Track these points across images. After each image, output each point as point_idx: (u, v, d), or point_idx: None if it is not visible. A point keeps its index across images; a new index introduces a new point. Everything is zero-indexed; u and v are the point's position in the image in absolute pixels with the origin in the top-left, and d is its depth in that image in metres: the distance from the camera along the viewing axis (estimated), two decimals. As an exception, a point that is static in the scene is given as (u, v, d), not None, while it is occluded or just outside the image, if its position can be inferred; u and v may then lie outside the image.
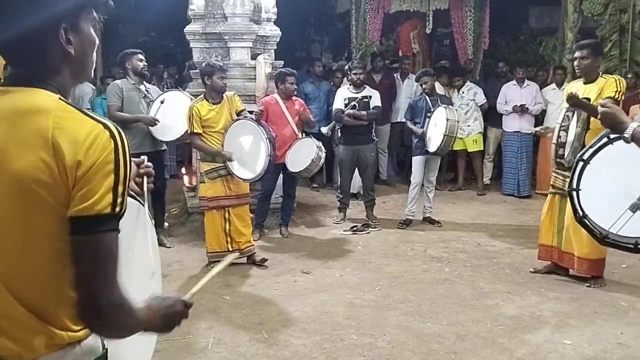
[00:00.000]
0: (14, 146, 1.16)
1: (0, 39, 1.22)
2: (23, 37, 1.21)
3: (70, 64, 1.28)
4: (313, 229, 6.39)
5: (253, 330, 3.85)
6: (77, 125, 1.17)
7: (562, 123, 4.49)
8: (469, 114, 7.95)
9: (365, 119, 6.34)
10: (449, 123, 5.94)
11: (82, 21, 1.29)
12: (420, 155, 6.38)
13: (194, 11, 6.53)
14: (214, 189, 5.00)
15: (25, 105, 1.20)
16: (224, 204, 5.01)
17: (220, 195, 5.00)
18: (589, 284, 4.59)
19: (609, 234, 2.46)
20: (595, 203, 2.57)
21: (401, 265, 5.19)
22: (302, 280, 4.83)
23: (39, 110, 1.18)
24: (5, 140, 1.18)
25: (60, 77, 1.27)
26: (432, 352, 3.55)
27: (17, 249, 1.18)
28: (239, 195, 5.07)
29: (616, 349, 3.59)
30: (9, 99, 1.22)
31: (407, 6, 9.00)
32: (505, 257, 5.41)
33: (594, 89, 4.41)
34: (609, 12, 7.92)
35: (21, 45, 1.23)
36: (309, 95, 7.81)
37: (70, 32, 1.25)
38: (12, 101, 1.21)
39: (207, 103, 4.99)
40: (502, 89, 7.90)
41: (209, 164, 5.02)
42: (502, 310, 4.19)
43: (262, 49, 6.63)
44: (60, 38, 1.24)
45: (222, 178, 5.00)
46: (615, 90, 4.31)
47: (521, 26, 10.44)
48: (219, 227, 5.02)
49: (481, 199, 7.83)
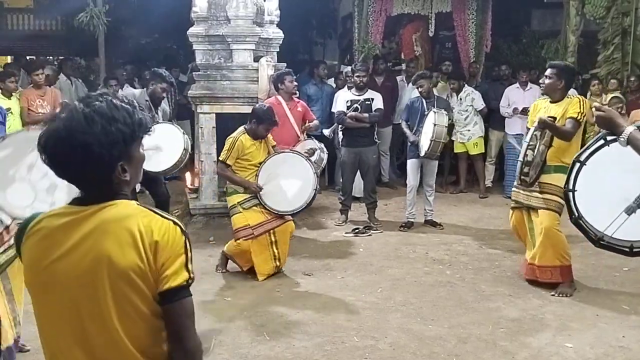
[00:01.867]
0: (114, 247, 1.44)
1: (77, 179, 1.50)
2: (89, 176, 1.48)
3: (129, 184, 1.54)
4: (315, 231, 6.39)
5: (255, 332, 3.85)
6: (159, 227, 1.47)
7: (530, 142, 4.49)
8: (468, 119, 7.94)
9: (368, 121, 6.35)
10: (436, 128, 5.93)
11: (134, 150, 1.52)
12: (414, 158, 6.39)
13: (197, 13, 6.55)
14: (253, 217, 4.88)
15: (114, 214, 1.48)
16: (269, 227, 4.89)
17: (262, 221, 4.88)
18: (554, 293, 4.49)
19: (604, 237, 2.44)
20: (590, 205, 2.55)
21: (403, 268, 5.19)
22: (304, 282, 4.83)
23: (127, 216, 1.47)
24: (104, 244, 1.45)
25: (124, 191, 1.54)
26: (434, 355, 3.56)
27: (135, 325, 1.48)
28: (279, 216, 4.96)
29: (618, 352, 3.59)
30: (98, 214, 1.48)
31: (409, 9, 9.01)
32: (507, 259, 5.40)
33: (559, 110, 4.47)
34: (611, 15, 7.92)
35: (91, 183, 1.50)
36: (311, 97, 7.82)
37: (126, 164, 1.49)
38: (102, 215, 1.47)
39: (250, 138, 4.93)
40: (505, 92, 7.90)
41: (241, 195, 4.91)
42: (503, 313, 4.19)
43: (264, 51, 6.65)
44: (117, 173, 1.48)
45: (257, 206, 4.90)
46: (578, 112, 4.37)
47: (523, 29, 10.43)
48: (268, 253, 4.89)
49: (483, 202, 7.83)
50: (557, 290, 4.52)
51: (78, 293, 1.46)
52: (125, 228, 1.45)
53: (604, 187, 2.50)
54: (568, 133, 4.39)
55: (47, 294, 1.49)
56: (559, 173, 4.37)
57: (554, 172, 4.42)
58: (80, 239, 1.46)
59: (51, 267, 1.47)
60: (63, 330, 1.49)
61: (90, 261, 1.45)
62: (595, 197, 2.54)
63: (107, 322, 1.45)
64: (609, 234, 2.40)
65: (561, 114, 4.44)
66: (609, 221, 2.36)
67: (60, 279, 1.47)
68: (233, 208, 4.97)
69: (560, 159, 4.42)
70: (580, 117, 4.38)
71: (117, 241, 1.45)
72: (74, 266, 1.46)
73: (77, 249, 1.46)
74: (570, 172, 2.60)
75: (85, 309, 1.46)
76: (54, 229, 1.49)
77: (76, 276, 1.46)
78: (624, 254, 2.48)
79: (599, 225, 2.44)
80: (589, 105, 4.50)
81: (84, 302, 1.46)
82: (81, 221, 1.47)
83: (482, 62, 9.29)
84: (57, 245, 1.47)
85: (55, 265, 1.47)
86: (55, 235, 1.48)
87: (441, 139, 6.01)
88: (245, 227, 4.85)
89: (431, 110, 6.15)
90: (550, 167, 4.45)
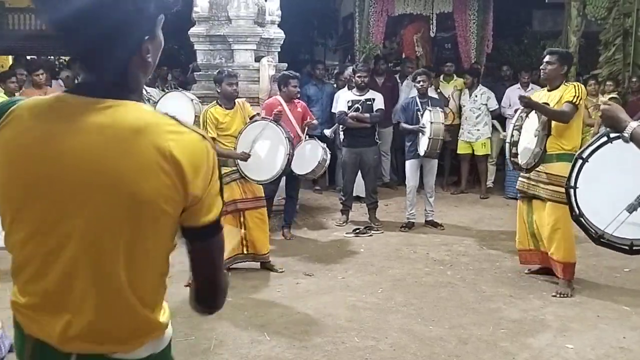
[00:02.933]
0: (135, 169, 1.18)
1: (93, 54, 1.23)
2: (113, 54, 1.22)
3: (146, 70, 1.31)
4: (315, 231, 6.39)
5: (255, 332, 3.85)
6: (187, 140, 1.22)
7: (516, 123, 4.55)
8: (479, 118, 7.90)
9: (369, 121, 6.35)
10: (433, 126, 5.93)
11: (158, 29, 1.30)
12: (412, 158, 6.38)
13: (198, 13, 6.56)
14: (229, 192, 4.91)
15: (130, 122, 1.20)
16: (241, 207, 4.94)
17: (236, 198, 4.93)
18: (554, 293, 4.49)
19: (604, 234, 2.43)
20: (592, 202, 2.53)
21: (403, 268, 5.18)
22: (305, 283, 4.83)
23: (148, 127, 1.20)
24: (121, 161, 1.18)
25: (138, 85, 1.30)
26: (434, 356, 3.55)
27: (142, 255, 1.25)
28: (256, 198, 5.03)
29: (619, 353, 3.58)
30: (107, 114, 1.21)
31: (410, 9, 9.02)
32: (507, 260, 5.40)
33: (557, 96, 4.48)
34: (612, 16, 7.92)
35: (109, 60, 1.23)
36: (311, 97, 7.82)
37: (150, 43, 1.27)
38: (113, 117, 1.20)
39: (221, 108, 4.99)
40: (507, 92, 7.90)
41: (222, 168, 4.98)
42: (504, 313, 4.19)
43: (265, 52, 6.65)
44: (143, 51, 1.26)
45: (236, 181, 4.96)
46: (574, 95, 4.37)
47: (524, 30, 10.44)
48: (234, 232, 4.93)
49: (484, 203, 7.83)
50: (557, 291, 4.52)
51: (72, 208, 1.20)
52: (146, 143, 1.18)
53: (605, 185, 2.49)
54: (560, 113, 4.36)
55: (28, 204, 1.22)
56: (562, 162, 4.36)
57: (557, 160, 4.39)
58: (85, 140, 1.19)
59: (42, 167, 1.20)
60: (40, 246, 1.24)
61: (94, 175, 1.18)
62: (597, 195, 2.53)
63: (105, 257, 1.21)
64: (610, 232, 2.39)
65: (557, 99, 4.44)
66: (610, 219, 2.35)
67: (53, 187, 1.20)
68: None
69: (561, 147, 4.41)
70: (576, 100, 4.36)
71: (136, 160, 1.18)
72: (73, 173, 1.19)
73: (78, 154, 1.19)
74: (572, 168, 2.59)
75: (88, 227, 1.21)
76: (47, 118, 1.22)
77: (72, 187, 1.19)
78: (623, 252, 2.46)
79: (599, 223, 2.43)
80: (584, 91, 4.52)
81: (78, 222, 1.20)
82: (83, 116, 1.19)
83: (483, 62, 9.29)
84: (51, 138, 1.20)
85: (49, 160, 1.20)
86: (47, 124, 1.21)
87: (439, 137, 6.00)
88: None
89: (426, 109, 6.15)
90: (552, 156, 4.43)
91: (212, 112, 4.94)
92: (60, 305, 1.26)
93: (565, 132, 4.42)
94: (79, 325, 1.25)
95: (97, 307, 1.25)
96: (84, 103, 1.22)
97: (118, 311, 1.26)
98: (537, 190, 4.58)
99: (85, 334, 1.26)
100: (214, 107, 5.00)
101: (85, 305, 1.25)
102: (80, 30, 1.19)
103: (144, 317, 1.29)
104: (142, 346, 1.31)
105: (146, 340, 1.31)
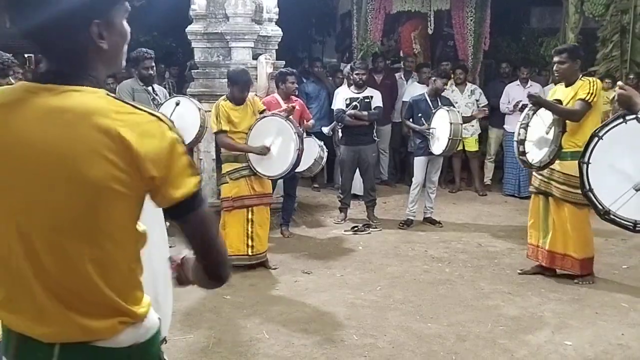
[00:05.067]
0: (82, 150, 1.19)
1: (39, 36, 1.26)
2: (56, 30, 1.24)
3: (103, 58, 1.30)
4: (314, 229, 6.39)
5: (254, 330, 3.85)
6: (137, 120, 1.22)
7: (523, 121, 4.53)
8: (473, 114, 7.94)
9: (367, 119, 6.35)
10: (453, 127, 5.92)
11: (115, 15, 1.30)
12: (422, 155, 6.37)
13: (195, 11, 6.54)
14: (238, 188, 4.95)
15: (80, 106, 1.22)
16: (248, 203, 4.96)
17: (244, 195, 4.95)
18: (577, 281, 4.61)
19: (610, 211, 2.50)
20: (602, 178, 2.62)
21: (402, 266, 5.19)
22: (303, 281, 4.83)
23: (97, 110, 1.21)
24: (68, 143, 1.20)
25: (95, 72, 1.30)
26: (433, 353, 3.55)
27: (104, 237, 1.25)
28: (262, 195, 5.05)
29: (617, 350, 3.59)
30: (59, 100, 1.23)
31: (408, 6, 8.99)
32: (506, 257, 5.40)
33: (571, 92, 4.46)
34: (610, 13, 7.91)
35: (57, 42, 1.25)
36: (309, 94, 7.81)
37: (103, 27, 1.27)
38: (63, 102, 1.23)
39: (231, 104, 4.98)
40: (505, 89, 7.89)
41: (232, 164, 4.99)
42: (502, 310, 4.19)
43: (263, 49, 6.63)
44: (92, 35, 1.26)
45: (245, 178, 4.97)
46: (588, 92, 4.34)
47: (522, 27, 10.43)
48: (241, 228, 4.94)
49: (482, 200, 7.83)
50: (580, 280, 4.60)
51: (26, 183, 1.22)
52: (95, 127, 1.19)
53: (616, 163, 2.59)
54: (570, 112, 4.35)
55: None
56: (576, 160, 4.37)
57: (571, 158, 4.32)
58: (36, 124, 1.21)
59: None
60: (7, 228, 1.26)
61: (45, 156, 1.20)
62: (608, 172, 2.62)
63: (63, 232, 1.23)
64: (614, 210, 2.46)
65: (572, 95, 4.41)
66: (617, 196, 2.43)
67: (6, 163, 1.23)
68: (222, 177, 5.10)
69: (575, 144, 4.34)
70: (589, 97, 4.32)
71: (83, 142, 1.19)
72: (25, 153, 1.21)
73: (31, 135, 1.21)
74: (587, 145, 2.68)
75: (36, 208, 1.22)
76: (3, 105, 1.25)
77: (28, 168, 1.22)
78: (628, 230, 2.54)
79: (606, 199, 2.51)
80: (600, 87, 4.47)
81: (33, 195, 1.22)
82: (36, 102, 1.22)
83: (480, 59, 9.28)
84: (5, 123, 1.23)
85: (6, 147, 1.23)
86: (3, 111, 1.24)
87: (458, 137, 6.04)
88: (227, 199, 4.96)
89: (440, 109, 6.14)
90: (566, 154, 4.41)
91: (223, 105, 4.94)
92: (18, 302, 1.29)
93: (580, 129, 4.36)
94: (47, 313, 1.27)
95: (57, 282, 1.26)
96: (39, 89, 1.24)
97: (78, 286, 1.26)
98: (550, 189, 4.58)
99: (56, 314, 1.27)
100: (224, 101, 4.98)
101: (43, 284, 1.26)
102: (21, 10, 1.22)
103: (109, 297, 1.28)
104: (120, 333, 1.31)
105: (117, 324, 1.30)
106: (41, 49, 1.30)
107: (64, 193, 1.21)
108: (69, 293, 1.27)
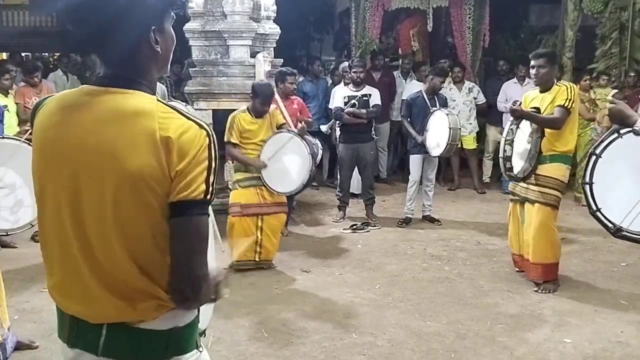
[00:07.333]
0: (126, 146, 1.31)
1: (101, 42, 1.37)
2: (120, 41, 1.35)
3: (157, 62, 1.43)
4: (313, 228, 6.38)
5: (253, 329, 3.84)
6: (178, 126, 1.33)
7: (507, 137, 4.47)
8: (471, 112, 7.96)
9: (365, 117, 6.33)
10: (452, 132, 5.91)
11: (166, 22, 1.43)
12: (418, 154, 6.37)
13: (193, 9, 6.53)
14: (246, 196, 4.94)
15: (130, 108, 1.34)
16: (259, 212, 4.95)
17: (253, 203, 4.94)
18: (537, 289, 4.48)
19: (622, 228, 2.47)
20: (607, 196, 2.58)
21: (401, 264, 5.18)
22: (302, 279, 4.82)
23: (144, 112, 1.34)
24: (115, 140, 1.33)
25: (150, 75, 1.43)
26: (432, 351, 3.55)
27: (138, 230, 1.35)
28: (276, 204, 5.02)
29: (616, 348, 3.59)
30: (113, 101, 1.36)
31: (407, 3, 8.97)
32: (505, 255, 5.39)
33: (548, 98, 4.42)
34: (609, 10, 7.90)
35: (118, 48, 1.36)
36: (307, 93, 7.79)
37: (157, 33, 1.39)
38: (116, 103, 1.36)
39: (250, 116, 4.96)
40: (503, 87, 7.88)
41: (243, 173, 4.99)
42: (502, 308, 4.19)
43: (261, 47, 6.62)
44: (150, 40, 1.38)
45: (255, 187, 4.96)
46: (566, 98, 4.32)
47: (521, 24, 10.42)
48: (251, 237, 4.89)
49: (481, 198, 7.83)
50: (541, 287, 4.49)
51: (80, 176, 1.35)
52: (141, 126, 1.32)
53: (619, 179, 2.55)
54: (551, 121, 4.33)
55: (49, 169, 1.40)
56: (555, 163, 4.35)
57: (549, 161, 4.38)
58: (90, 122, 1.35)
59: (56, 142, 1.38)
60: (60, 214, 1.39)
61: (95, 151, 1.33)
62: (612, 189, 2.59)
63: (106, 221, 1.34)
64: (625, 226, 2.43)
65: (549, 102, 4.40)
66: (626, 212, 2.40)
67: (63, 157, 1.37)
68: (233, 184, 5.16)
69: (553, 148, 4.37)
70: (568, 103, 4.31)
71: (129, 138, 1.31)
72: (79, 148, 1.35)
73: (85, 133, 1.35)
74: (586, 165, 2.65)
75: (86, 199, 1.35)
76: (66, 105, 1.39)
77: (78, 160, 1.35)
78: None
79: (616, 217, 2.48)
80: (577, 92, 4.47)
81: (85, 187, 1.35)
82: (93, 103, 1.36)
83: (479, 57, 9.27)
84: (65, 122, 1.37)
85: (60, 141, 1.37)
86: (65, 111, 1.39)
87: (456, 141, 6.08)
88: (235, 204, 4.96)
89: (438, 109, 6.13)
90: (545, 157, 4.41)
91: (240, 118, 4.93)
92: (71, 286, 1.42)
93: (558, 134, 4.38)
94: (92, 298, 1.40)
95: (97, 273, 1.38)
96: (97, 92, 1.38)
97: (122, 274, 1.37)
98: (527, 194, 4.52)
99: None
100: (243, 113, 4.98)
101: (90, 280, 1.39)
102: (85, 18, 1.32)
103: (149, 284, 1.38)
104: (160, 316, 1.40)
105: (157, 308, 1.39)
106: (101, 54, 1.41)
107: (112, 187, 1.32)
108: (114, 279, 1.38)
